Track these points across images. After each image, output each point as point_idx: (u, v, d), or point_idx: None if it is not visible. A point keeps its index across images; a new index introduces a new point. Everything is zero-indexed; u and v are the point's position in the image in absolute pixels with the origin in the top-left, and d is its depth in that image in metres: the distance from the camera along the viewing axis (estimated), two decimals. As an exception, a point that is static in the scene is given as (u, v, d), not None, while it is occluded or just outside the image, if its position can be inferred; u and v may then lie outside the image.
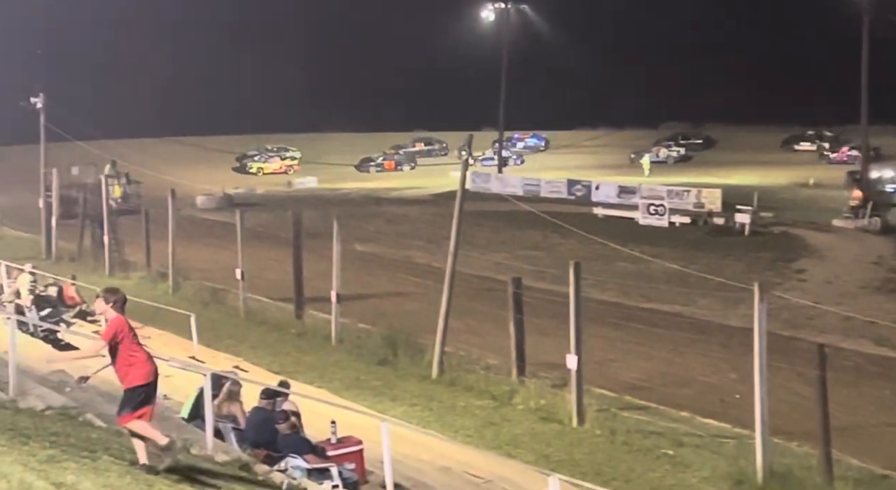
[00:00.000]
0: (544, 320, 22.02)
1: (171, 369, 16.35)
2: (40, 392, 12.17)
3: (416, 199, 57.75)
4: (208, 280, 30.35)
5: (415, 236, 42.49)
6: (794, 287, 32.60)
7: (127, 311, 9.42)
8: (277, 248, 32.19)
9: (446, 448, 15.24)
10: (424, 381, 20.51)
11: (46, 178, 38.15)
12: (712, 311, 28.92)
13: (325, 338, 23.87)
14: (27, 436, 9.11)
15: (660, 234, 43.98)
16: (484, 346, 22.69)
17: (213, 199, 55.28)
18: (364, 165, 76.87)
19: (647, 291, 31.34)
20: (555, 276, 29.30)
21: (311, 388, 18.63)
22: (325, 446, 12.82)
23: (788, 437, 17.07)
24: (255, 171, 74.59)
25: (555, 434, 17.36)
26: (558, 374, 19.43)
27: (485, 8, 73.15)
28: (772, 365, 15.87)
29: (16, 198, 45.50)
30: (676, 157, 75.75)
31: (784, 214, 47.01)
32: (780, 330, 24.03)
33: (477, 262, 33.49)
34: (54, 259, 34.44)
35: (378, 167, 77.03)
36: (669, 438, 17.11)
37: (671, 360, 23.58)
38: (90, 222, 35.50)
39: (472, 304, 25.65)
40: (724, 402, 19.95)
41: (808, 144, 78.86)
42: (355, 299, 26.70)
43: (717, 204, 49.60)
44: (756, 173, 64.90)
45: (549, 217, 31.64)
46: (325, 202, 54.55)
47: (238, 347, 22.91)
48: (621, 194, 54.83)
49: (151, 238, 32.40)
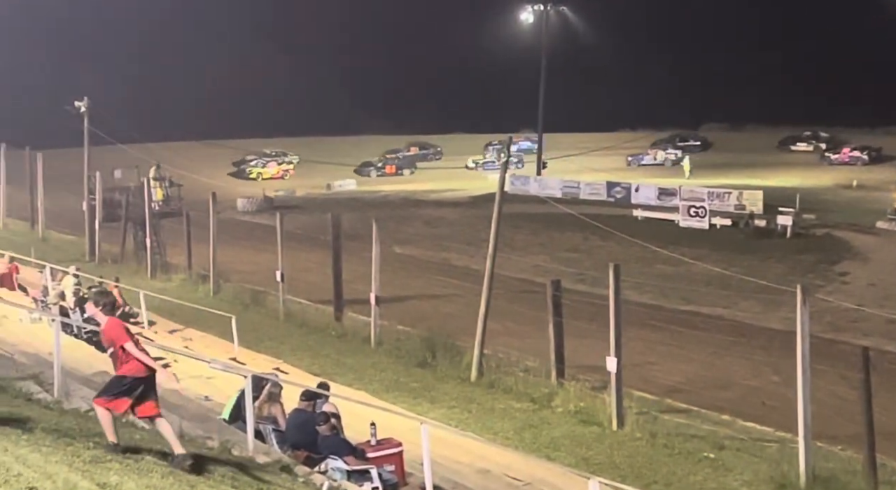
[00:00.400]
0: (583, 323, 21.94)
1: (213, 371, 16.55)
2: (84, 393, 12.28)
3: (455, 202, 57.76)
4: (249, 282, 30.56)
5: (453, 238, 42.52)
6: (836, 289, 32.28)
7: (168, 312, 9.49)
8: (317, 250, 32.35)
9: (485, 450, 15.23)
10: (463, 384, 20.52)
11: (90, 181, 38.58)
12: (753, 313, 28.70)
13: (364, 340, 23.96)
14: (72, 436, 9.21)
15: (700, 236, 43.66)
16: (523, 348, 22.65)
17: (254, 201, 55.72)
18: (364, 169, 76.66)
19: (687, 294, 31.16)
20: (594, 278, 29.24)
21: (350, 390, 18.69)
22: (364, 448, 12.85)
23: (832, 440, 16.91)
24: (254, 176, 74.74)
25: (594, 437, 17.30)
26: (598, 377, 19.36)
27: (523, 10, 73.28)
28: (815, 368, 15.71)
29: (60, 201, 46.07)
30: (675, 159, 74.85)
31: (826, 216, 46.50)
32: (823, 333, 23.82)
33: (516, 264, 33.44)
34: (98, 261, 34.81)
35: (379, 171, 76.88)
36: (710, 442, 17.00)
37: (711, 363, 23.42)
38: (132, 225, 35.87)
39: (510, 306, 25.63)
40: (765, 405, 19.79)
41: (804, 145, 77.62)
42: (394, 301, 26.77)
43: (758, 206, 49.15)
44: (758, 175, 64.19)
45: (588, 219, 31.55)
46: (363, 204, 54.75)
47: (278, 349, 23.05)
48: (661, 196, 54.53)
49: (193, 240, 32.68)
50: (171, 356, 19.10)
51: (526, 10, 73.10)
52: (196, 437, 11.06)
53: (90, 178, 38.52)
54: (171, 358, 19.15)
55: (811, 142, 77.50)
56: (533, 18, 72.70)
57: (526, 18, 73.42)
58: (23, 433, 8.81)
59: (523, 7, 73.31)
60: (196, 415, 13.38)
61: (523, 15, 73.55)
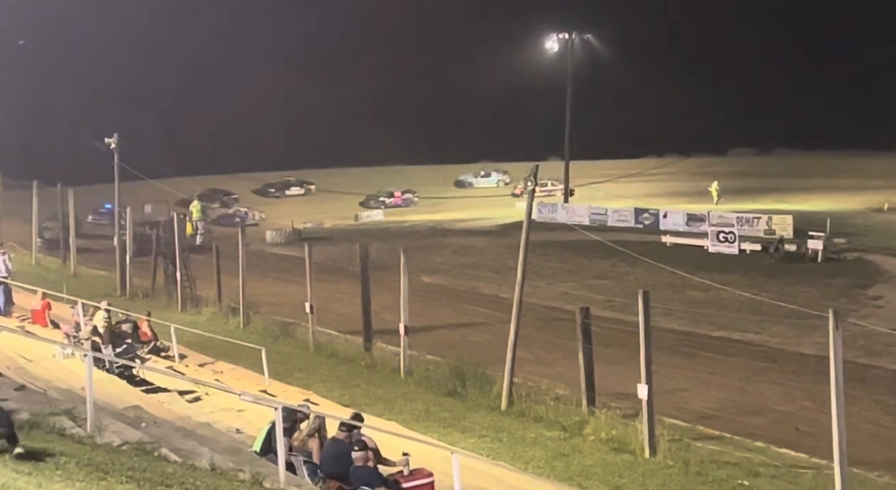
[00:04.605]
0: (614, 350, 21.85)
1: (244, 403, 16.60)
2: (117, 427, 12.34)
3: (483, 230, 57.80)
4: (278, 314, 30.66)
5: (481, 267, 42.49)
6: (869, 314, 31.97)
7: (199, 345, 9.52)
8: (346, 281, 32.43)
9: (517, 479, 15.16)
10: (494, 413, 20.45)
11: (120, 216, 38.91)
12: (785, 339, 28.46)
13: (394, 370, 23.95)
14: (105, 471, 9.25)
15: (730, 262, 43.43)
16: (553, 376, 22.56)
17: (282, 233, 56.04)
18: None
19: (717, 319, 30.95)
20: (623, 305, 29.13)
21: (380, 420, 18.67)
22: (397, 479, 12.84)
23: (868, 467, 16.70)
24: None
25: (627, 465, 17.17)
26: (629, 405, 19.24)
27: (548, 39, 73.62)
28: (849, 393, 15.53)
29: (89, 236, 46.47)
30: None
31: (858, 240, 46.16)
32: (857, 357, 23.58)
33: (544, 292, 33.39)
34: (129, 296, 35.04)
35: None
36: (744, 469, 16.83)
37: (743, 389, 23.21)
38: (163, 259, 36.12)
39: (540, 334, 25.57)
40: (799, 430, 19.58)
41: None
42: (423, 331, 26.77)
43: (788, 230, 48.92)
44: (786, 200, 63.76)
45: (616, 246, 31.45)
46: (391, 234, 54.90)
47: (308, 380, 23.08)
48: (689, 222, 54.40)
49: (222, 273, 32.86)
50: (203, 389, 19.20)
51: (551, 38, 73.47)
52: (227, 470, 11.08)
53: (121, 213, 38.87)
54: (203, 391, 19.26)
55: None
56: (558, 47, 73.03)
57: (551, 47, 73.76)
58: (56, 468, 8.86)
59: (548, 36, 73.70)
60: (227, 447, 13.40)
61: (549, 43, 73.92)
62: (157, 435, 12.67)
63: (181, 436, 13.11)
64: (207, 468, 10.81)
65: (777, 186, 74.65)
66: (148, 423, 13.58)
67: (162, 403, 18.03)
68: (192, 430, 14.47)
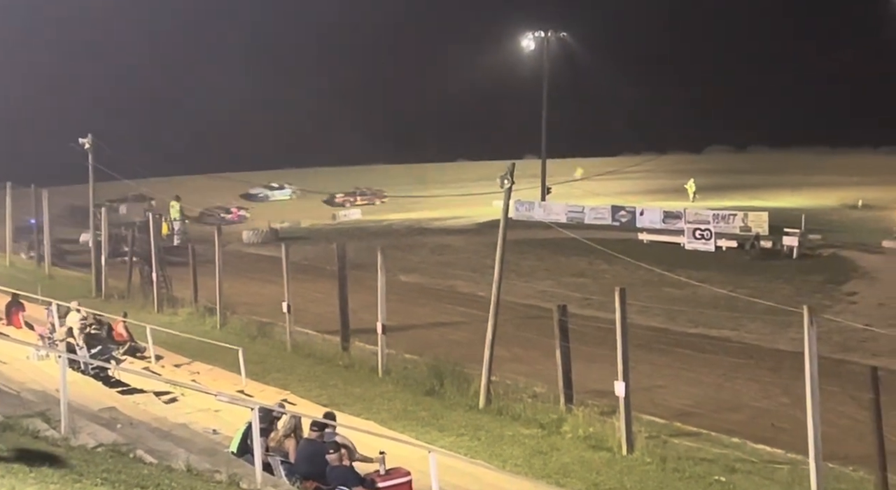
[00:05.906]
0: (591, 347, 21.87)
1: (220, 404, 16.51)
2: (91, 429, 12.25)
3: (460, 229, 57.82)
4: (255, 314, 30.54)
5: (459, 266, 42.52)
6: (844, 310, 32.19)
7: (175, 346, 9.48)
8: (323, 280, 32.34)
9: (495, 477, 15.15)
10: (471, 411, 20.44)
11: (95, 217, 38.68)
12: (761, 335, 28.62)
13: (371, 369, 23.90)
14: (79, 473, 9.18)
15: (706, 259, 43.64)
16: (531, 374, 22.58)
17: (259, 233, 55.89)
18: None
19: (694, 316, 31.09)
20: (601, 302, 29.20)
21: (358, 419, 18.63)
22: (373, 478, 12.80)
23: (843, 461, 16.79)
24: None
25: (604, 462, 17.21)
26: (607, 402, 19.28)
27: (524, 37, 73.71)
28: (824, 389, 15.63)
29: (65, 237, 46.12)
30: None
31: (833, 236, 46.46)
32: (832, 353, 23.73)
33: (522, 290, 33.41)
34: (104, 297, 34.84)
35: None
36: (721, 465, 16.88)
37: (720, 386, 23.32)
38: (139, 260, 35.92)
39: (517, 332, 25.59)
40: (775, 426, 19.68)
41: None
42: (401, 330, 26.74)
43: (763, 227, 49.19)
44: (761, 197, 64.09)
45: (593, 244, 31.52)
46: (368, 234, 54.84)
47: (286, 380, 23.00)
48: (666, 219, 54.59)
49: (199, 273, 32.70)
50: (179, 389, 19.09)
51: (527, 36, 73.57)
52: (203, 471, 11.02)
53: (95, 214, 38.62)
54: (179, 391, 19.14)
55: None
56: (534, 45, 73.12)
57: (527, 45, 73.86)
58: (30, 471, 8.79)
59: (524, 34, 73.80)
60: (204, 448, 13.32)
61: (524, 42, 74.01)
62: (133, 436, 12.59)
63: (157, 437, 13.02)
64: (183, 469, 10.74)
65: (753, 183, 75.03)
66: (123, 424, 13.49)
67: (138, 404, 17.92)
68: (169, 431, 14.38)
